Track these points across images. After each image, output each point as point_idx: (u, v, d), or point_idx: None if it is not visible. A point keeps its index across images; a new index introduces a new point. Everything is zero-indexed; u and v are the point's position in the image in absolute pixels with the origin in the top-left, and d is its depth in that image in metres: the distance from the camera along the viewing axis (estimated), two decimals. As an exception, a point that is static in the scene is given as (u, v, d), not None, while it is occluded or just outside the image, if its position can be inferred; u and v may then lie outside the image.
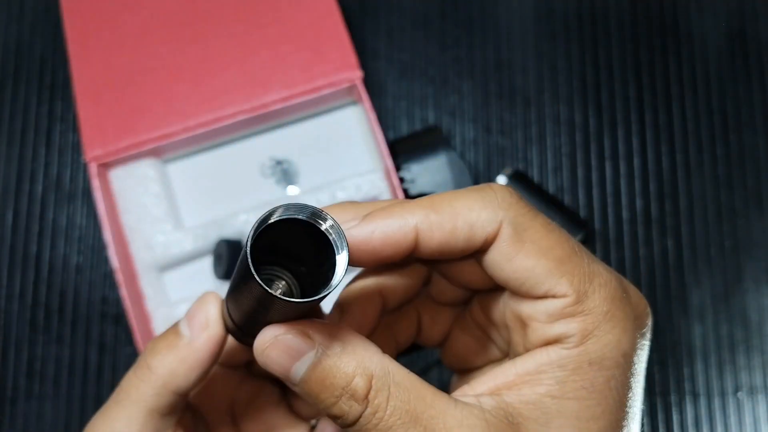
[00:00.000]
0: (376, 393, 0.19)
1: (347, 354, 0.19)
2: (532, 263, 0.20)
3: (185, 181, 0.50)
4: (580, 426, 0.20)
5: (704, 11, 0.56)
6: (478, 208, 0.20)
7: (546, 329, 0.21)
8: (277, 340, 0.19)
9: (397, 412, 0.19)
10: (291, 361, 0.19)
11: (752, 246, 0.52)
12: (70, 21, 0.49)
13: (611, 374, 0.20)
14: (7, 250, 0.51)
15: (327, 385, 0.19)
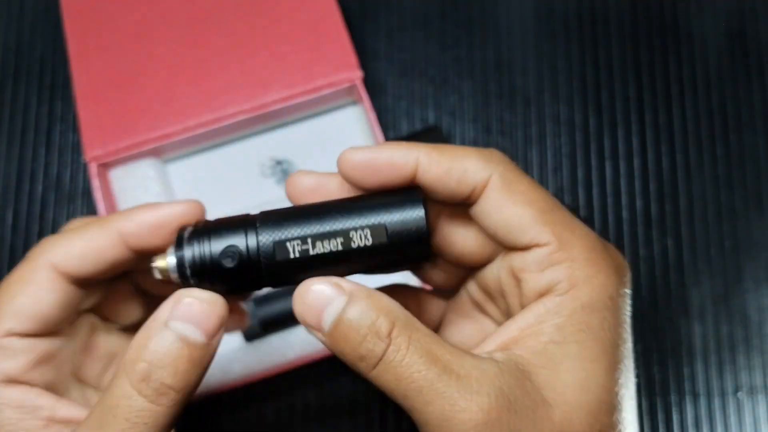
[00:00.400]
0: (398, 333, 0.21)
1: (373, 300, 0.22)
2: (519, 211, 0.22)
3: (185, 181, 0.50)
4: (584, 366, 0.21)
5: (704, 11, 0.56)
6: (474, 158, 0.23)
7: (537, 280, 0.23)
8: (312, 289, 0.22)
9: (417, 351, 0.21)
10: (323, 307, 0.22)
11: (752, 246, 0.52)
12: (70, 21, 0.49)
13: (603, 316, 0.22)
14: (7, 250, 0.51)
15: (354, 326, 0.21)
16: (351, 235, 0.22)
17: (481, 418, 0.20)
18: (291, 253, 0.22)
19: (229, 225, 0.23)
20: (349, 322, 0.21)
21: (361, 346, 0.21)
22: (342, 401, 0.49)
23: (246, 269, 0.23)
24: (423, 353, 0.21)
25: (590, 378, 0.21)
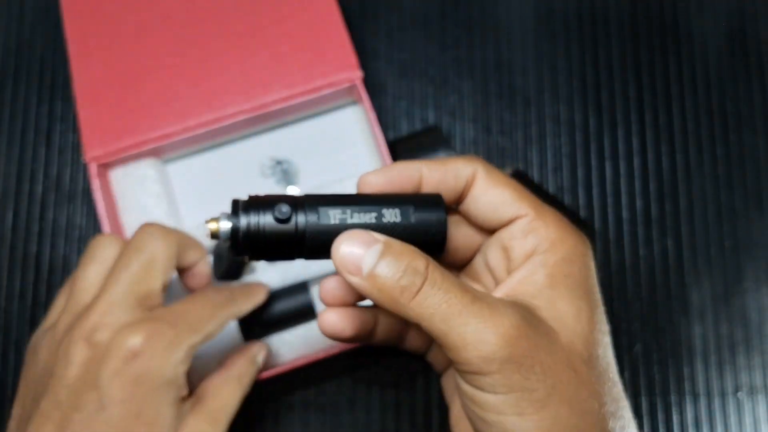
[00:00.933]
0: (432, 269, 0.25)
1: (405, 245, 0.25)
2: (501, 191, 0.28)
3: (185, 181, 0.50)
4: (574, 303, 0.26)
5: (704, 11, 0.56)
6: (461, 161, 0.29)
7: (522, 245, 0.28)
8: (352, 236, 0.25)
9: (451, 283, 0.25)
10: (364, 249, 0.25)
11: (752, 246, 0.52)
12: (70, 21, 0.49)
13: (579, 266, 0.27)
14: (7, 250, 0.51)
15: (393, 262, 0.25)
16: (383, 212, 0.27)
17: (513, 333, 0.24)
18: (332, 218, 0.26)
19: (280, 199, 0.27)
20: (389, 261, 0.24)
21: (402, 279, 0.24)
22: (342, 401, 0.49)
23: (293, 236, 0.26)
24: (455, 284, 0.25)
25: (581, 311, 0.27)
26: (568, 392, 0.24)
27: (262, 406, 0.49)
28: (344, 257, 0.25)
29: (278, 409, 0.49)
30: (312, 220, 0.26)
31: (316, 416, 0.48)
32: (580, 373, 0.25)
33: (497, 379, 0.24)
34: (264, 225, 0.26)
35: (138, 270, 0.32)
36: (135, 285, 0.32)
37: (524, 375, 0.24)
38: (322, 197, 0.27)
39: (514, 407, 0.24)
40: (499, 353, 0.24)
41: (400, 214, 0.27)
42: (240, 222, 0.27)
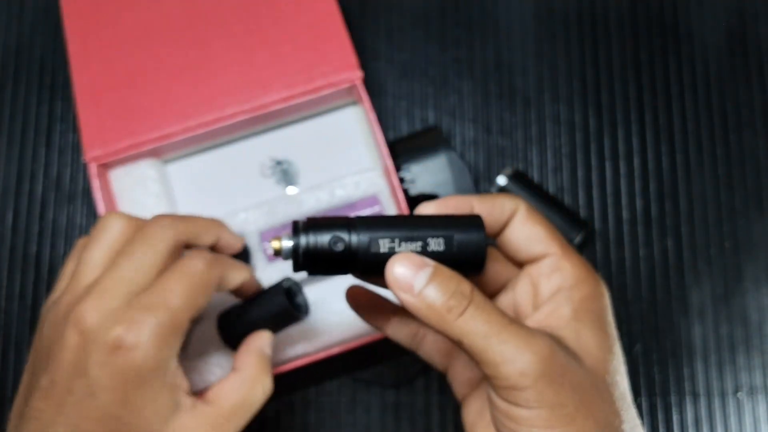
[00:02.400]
0: (476, 294, 0.28)
1: (452, 272, 0.28)
2: (535, 229, 0.31)
3: (185, 181, 0.50)
4: (597, 335, 0.29)
5: (704, 11, 0.56)
6: (507, 198, 0.32)
7: (550, 281, 0.31)
8: (406, 257, 0.28)
9: (492, 308, 0.28)
10: (416, 271, 0.28)
11: (752, 246, 0.52)
12: (69, 21, 0.49)
13: (600, 304, 0.30)
14: (7, 250, 0.51)
15: (442, 285, 0.28)
16: (429, 240, 0.29)
17: (547, 352, 0.27)
18: (381, 247, 0.29)
19: (335, 222, 0.30)
20: (439, 283, 0.28)
21: (450, 300, 0.27)
22: (342, 400, 0.49)
23: (346, 256, 0.29)
24: (495, 308, 0.28)
25: (602, 342, 0.29)
26: (594, 409, 0.27)
27: (263, 405, 0.49)
28: (398, 277, 0.28)
29: (278, 408, 0.49)
30: (363, 246, 0.29)
31: (317, 416, 0.49)
32: (603, 393, 0.28)
33: (531, 393, 0.26)
34: (321, 247, 0.29)
35: (140, 259, 0.33)
36: (133, 273, 0.32)
37: (556, 391, 0.26)
38: (374, 221, 0.29)
39: (546, 421, 0.26)
40: (534, 369, 0.26)
41: (444, 244, 0.29)
42: (300, 241, 0.29)
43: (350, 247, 0.29)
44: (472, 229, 0.29)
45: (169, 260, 0.34)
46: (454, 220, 0.30)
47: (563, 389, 0.26)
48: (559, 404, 0.26)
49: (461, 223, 0.29)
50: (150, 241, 0.33)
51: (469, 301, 0.27)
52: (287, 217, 0.47)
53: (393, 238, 0.29)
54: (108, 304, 0.31)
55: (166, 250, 0.33)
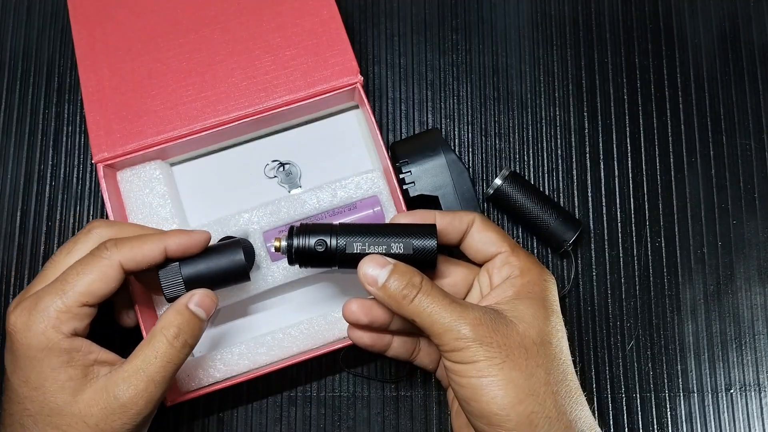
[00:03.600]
0: (425, 283, 0.36)
1: (408, 266, 0.37)
2: (489, 234, 0.40)
3: (191, 182, 0.51)
4: (532, 308, 0.37)
5: (697, 16, 0.57)
6: (465, 212, 0.40)
7: (501, 272, 0.39)
8: (372, 260, 0.37)
9: (436, 293, 0.36)
10: (379, 269, 0.36)
11: (744, 245, 0.53)
12: (77, 25, 0.50)
13: (540, 287, 0.38)
14: (16, 249, 0.52)
15: (399, 279, 0.36)
16: (392, 245, 0.38)
17: (476, 322, 0.35)
18: (355, 249, 0.38)
19: (321, 228, 0.38)
20: (396, 278, 0.36)
21: (404, 290, 0.36)
22: (343, 395, 0.50)
23: (328, 254, 0.38)
24: (440, 292, 0.36)
25: (537, 313, 0.37)
26: (519, 362, 0.34)
27: (264, 400, 0.49)
28: (366, 274, 0.37)
29: (280, 402, 0.49)
30: (341, 248, 0.38)
31: (318, 410, 0.49)
32: (530, 350, 0.35)
33: (467, 352, 0.34)
34: (308, 247, 0.38)
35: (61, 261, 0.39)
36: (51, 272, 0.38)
37: (485, 348, 0.34)
38: (351, 228, 0.38)
39: (478, 371, 0.34)
40: (466, 334, 0.34)
41: (404, 247, 0.37)
42: (293, 242, 0.38)
43: (330, 249, 0.38)
44: (427, 236, 0.38)
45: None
46: (415, 229, 0.38)
47: (491, 347, 0.34)
48: (488, 358, 0.34)
49: (419, 231, 0.38)
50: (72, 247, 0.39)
51: (418, 289, 0.36)
52: (290, 217, 0.47)
53: (364, 242, 0.38)
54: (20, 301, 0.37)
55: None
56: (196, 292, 0.39)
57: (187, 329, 0.38)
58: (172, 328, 0.37)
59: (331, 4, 0.50)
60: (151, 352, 0.37)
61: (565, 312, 0.51)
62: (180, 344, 0.37)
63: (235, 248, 0.41)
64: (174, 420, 0.49)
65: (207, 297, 0.39)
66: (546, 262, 0.52)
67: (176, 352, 0.37)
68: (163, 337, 0.37)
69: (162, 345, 0.37)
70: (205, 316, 0.39)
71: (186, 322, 0.38)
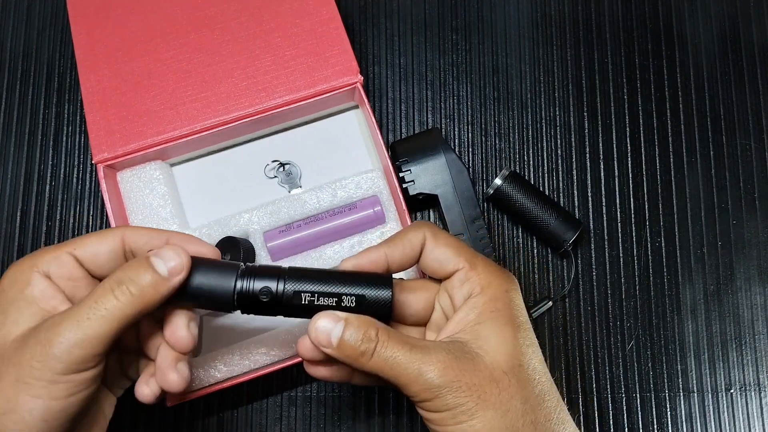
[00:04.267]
0: (381, 334, 0.33)
1: (360, 319, 0.33)
2: (443, 251, 0.36)
3: (191, 183, 0.51)
4: (497, 331, 0.34)
5: (697, 16, 0.57)
6: (412, 232, 0.37)
7: (461, 291, 0.36)
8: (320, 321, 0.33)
9: (395, 342, 0.33)
10: (331, 326, 0.33)
11: (744, 245, 0.53)
12: (77, 26, 0.50)
13: (504, 301, 0.35)
14: (16, 249, 0.52)
15: (353, 335, 0.33)
16: (343, 298, 0.34)
17: (441, 366, 0.32)
18: (303, 300, 0.34)
19: (269, 271, 0.34)
20: (350, 335, 0.33)
21: (361, 346, 0.33)
22: (343, 395, 0.50)
23: (273, 304, 0.34)
24: (399, 342, 0.33)
25: (503, 336, 0.34)
26: (492, 399, 0.33)
27: (264, 400, 0.49)
28: (318, 337, 0.33)
29: (280, 402, 0.49)
30: (288, 297, 0.34)
31: (318, 410, 0.49)
32: (501, 381, 0.33)
33: (436, 402, 0.32)
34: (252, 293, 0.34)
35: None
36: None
37: (455, 395, 0.32)
38: (302, 275, 0.34)
39: (453, 419, 0.32)
40: (433, 383, 0.32)
41: (356, 301, 0.34)
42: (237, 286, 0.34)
43: (276, 297, 0.34)
44: (381, 286, 0.34)
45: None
46: (368, 278, 0.35)
47: (461, 391, 0.32)
48: (459, 404, 0.32)
49: (373, 280, 0.35)
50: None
51: (375, 344, 0.33)
52: (290, 217, 0.48)
53: (313, 294, 0.34)
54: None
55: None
56: (165, 246, 0.33)
57: (135, 278, 0.32)
58: (118, 273, 0.32)
59: (331, 4, 0.50)
60: (89, 298, 0.31)
61: (565, 312, 0.51)
62: (124, 296, 0.31)
63: (230, 271, 0.34)
64: (174, 420, 0.49)
65: (173, 254, 0.33)
66: (546, 262, 0.52)
67: (119, 305, 0.31)
68: (107, 283, 0.32)
69: (100, 288, 0.32)
70: (165, 273, 0.32)
71: (137, 273, 0.32)
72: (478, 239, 0.48)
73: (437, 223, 0.52)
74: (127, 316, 0.31)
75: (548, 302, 0.51)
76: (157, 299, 0.32)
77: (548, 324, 0.51)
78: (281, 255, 0.47)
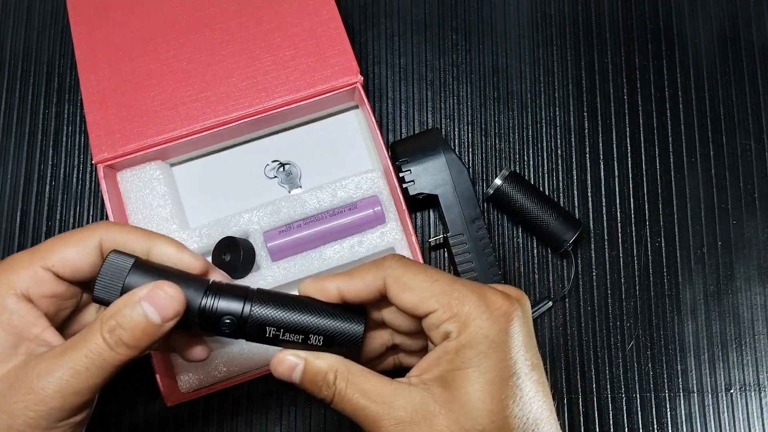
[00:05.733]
0: (339, 380, 0.32)
1: (319, 361, 0.33)
2: (410, 297, 0.32)
3: (191, 183, 0.51)
4: (466, 388, 0.31)
5: (697, 16, 0.57)
6: (371, 274, 0.33)
7: (437, 332, 0.32)
8: (282, 358, 0.33)
9: (352, 391, 0.32)
10: (290, 371, 0.33)
11: (744, 245, 0.53)
12: (76, 26, 0.50)
13: (486, 346, 0.31)
14: (16, 249, 0.52)
15: (311, 380, 0.33)
16: (310, 336, 0.33)
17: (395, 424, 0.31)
18: (267, 333, 0.33)
19: (235, 293, 0.33)
20: (308, 380, 0.33)
21: (320, 392, 0.32)
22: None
23: (236, 332, 0.32)
24: (356, 391, 0.32)
25: (478, 392, 0.31)
26: None
27: (265, 401, 0.49)
28: (278, 372, 0.33)
29: (281, 403, 0.49)
30: (252, 331, 0.33)
31: (318, 410, 0.49)
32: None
33: None
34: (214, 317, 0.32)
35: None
36: None
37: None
38: (270, 301, 0.33)
39: None
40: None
41: (323, 341, 0.33)
42: (201, 303, 0.32)
43: (239, 326, 0.32)
44: (354, 325, 0.33)
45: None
46: (340, 310, 0.33)
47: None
48: None
49: (345, 317, 0.33)
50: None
51: (333, 391, 0.32)
52: (290, 217, 0.48)
53: (279, 328, 0.32)
54: None
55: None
56: (156, 284, 0.31)
57: (129, 327, 0.30)
58: (110, 321, 0.31)
59: (331, 4, 0.50)
60: (79, 339, 0.31)
61: (565, 312, 0.51)
62: (114, 342, 0.30)
63: (199, 284, 0.33)
64: (174, 420, 0.49)
65: (164, 295, 0.31)
66: (546, 262, 0.52)
67: (114, 355, 0.30)
68: (97, 326, 0.31)
69: (92, 335, 0.30)
70: (158, 321, 0.31)
71: (129, 321, 0.30)
72: (478, 239, 0.48)
73: (437, 223, 0.52)
74: (123, 361, 0.31)
75: (548, 302, 0.51)
76: (150, 343, 0.31)
77: (548, 324, 0.51)
78: (281, 255, 0.47)
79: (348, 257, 0.47)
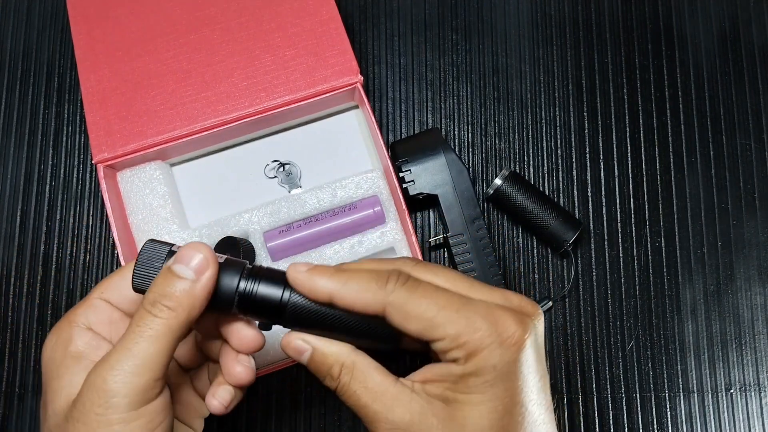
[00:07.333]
0: (344, 373, 0.32)
1: (326, 350, 0.32)
2: (414, 327, 0.31)
3: (191, 183, 0.51)
4: (465, 412, 0.30)
5: (697, 17, 0.57)
6: (372, 294, 0.32)
7: (443, 355, 0.31)
8: (288, 341, 0.33)
9: (355, 385, 0.32)
10: (298, 355, 0.33)
11: (744, 245, 0.53)
12: (76, 26, 0.50)
13: (486, 378, 0.30)
14: (16, 249, 0.52)
15: (317, 369, 0.33)
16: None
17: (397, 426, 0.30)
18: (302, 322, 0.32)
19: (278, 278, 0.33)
20: (314, 368, 0.33)
21: (325, 381, 0.33)
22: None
23: (276, 314, 0.32)
24: (359, 386, 0.32)
25: (471, 417, 0.30)
26: None
27: (267, 402, 0.49)
28: (289, 353, 0.33)
29: (283, 404, 0.49)
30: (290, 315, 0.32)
31: (318, 410, 0.49)
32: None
33: None
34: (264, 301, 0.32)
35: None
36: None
37: None
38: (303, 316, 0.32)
39: None
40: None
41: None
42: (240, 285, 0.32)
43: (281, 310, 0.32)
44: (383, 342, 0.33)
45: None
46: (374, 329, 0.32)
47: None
48: None
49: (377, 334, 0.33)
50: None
51: (337, 383, 0.32)
52: (290, 217, 0.48)
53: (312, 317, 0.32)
54: None
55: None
56: (183, 248, 0.32)
57: (167, 293, 0.30)
58: (149, 295, 0.31)
59: (331, 4, 0.50)
60: (130, 326, 0.31)
61: (565, 312, 0.51)
62: (164, 313, 0.30)
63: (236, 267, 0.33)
64: (174, 420, 0.49)
65: (192, 252, 0.31)
66: (546, 262, 0.52)
67: (163, 321, 0.30)
68: (142, 308, 0.31)
69: (141, 315, 0.31)
70: (192, 276, 0.31)
71: (165, 287, 0.31)
72: (478, 239, 0.48)
73: (437, 223, 0.52)
74: (174, 330, 0.30)
75: (548, 302, 0.51)
76: (198, 304, 0.31)
77: (548, 324, 0.51)
78: (281, 255, 0.47)
79: (348, 257, 0.47)
